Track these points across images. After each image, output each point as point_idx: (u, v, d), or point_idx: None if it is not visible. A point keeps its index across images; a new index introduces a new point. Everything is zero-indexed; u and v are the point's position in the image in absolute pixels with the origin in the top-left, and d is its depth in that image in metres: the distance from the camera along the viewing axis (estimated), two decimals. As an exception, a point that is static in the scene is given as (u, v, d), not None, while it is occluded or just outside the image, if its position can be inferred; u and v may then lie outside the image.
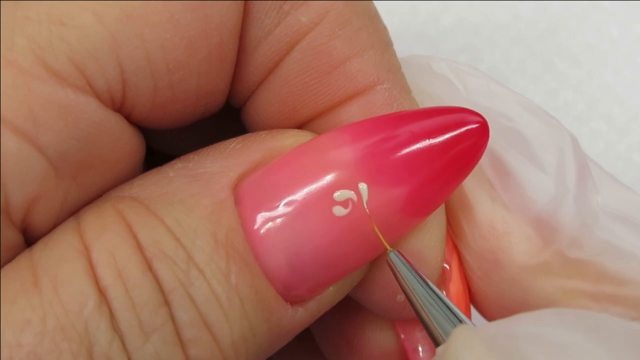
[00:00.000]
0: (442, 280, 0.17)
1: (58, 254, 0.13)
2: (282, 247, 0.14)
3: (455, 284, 0.17)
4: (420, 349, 0.18)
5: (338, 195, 0.14)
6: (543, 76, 0.30)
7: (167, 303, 0.13)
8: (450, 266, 0.17)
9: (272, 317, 0.15)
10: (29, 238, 0.14)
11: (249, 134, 0.16)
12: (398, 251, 0.15)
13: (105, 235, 0.14)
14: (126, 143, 0.15)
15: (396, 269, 0.15)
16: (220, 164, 0.15)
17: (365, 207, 0.15)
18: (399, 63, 0.17)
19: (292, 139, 0.16)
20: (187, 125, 0.17)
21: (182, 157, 0.16)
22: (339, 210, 0.14)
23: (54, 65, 0.14)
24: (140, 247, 0.13)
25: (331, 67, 0.16)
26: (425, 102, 0.18)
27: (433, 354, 0.17)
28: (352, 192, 0.14)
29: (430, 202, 0.15)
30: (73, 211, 0.15)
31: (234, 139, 0.16)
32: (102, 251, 0.13)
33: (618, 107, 0.30)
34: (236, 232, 0.14)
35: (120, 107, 0.15)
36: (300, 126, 0.17)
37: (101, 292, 0.13)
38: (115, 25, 0.14)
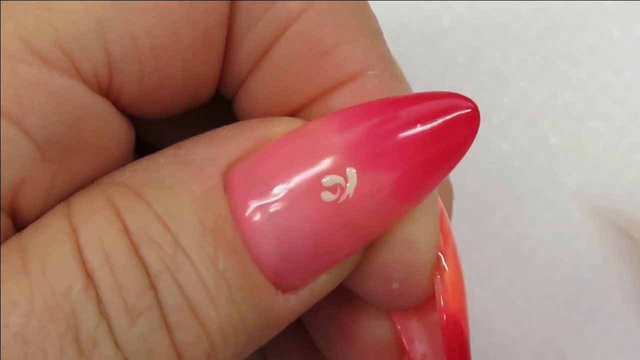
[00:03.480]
0: (437, 269, 0.17)
1: (47, 237, 0.14)
2: (272, 234, 0.14)
3: (450, 274, 0.17)
4: (417, 340, 0.18)
5: (326, 180, 0.14)
6: (543, 76, 0.30)
7: (153, 287, 0.13)
8: (445, 255, 0.17)
9: (262, 303, 0.14)
10: (18, 223, 0.15)
11: (241, 122, 0.16)
12: None
13: (93, 219, 0.14)
14: (114, 129, 0.15)
15: None
16: (210, 151, 0.15)
17: (353, 191, 0.14)
18: (389, 50, 0.17)
19: (282, 125, 0.16)
20: (180, 118, 0.17)
21: (173, 144, 0.16)
22: (327, 196, 0.14)
23: (41, 49, 0.14)
24: (127, 232, 0.14)
25: (321, 53, 0.16)
26: None
27: (431, 345, 0.17)
28: (341, 177, 0.14)
29: (421, 187, 0.15)
30: (61, 196, 0.15)
31: (225, 126, 0.16)
32: (89, 235, 0.13)
33: (618, 107, 0.30)
34: (225, 218, 0.14)
35: (107, 92, 0.15)
36: (292, 114, 0.17)
37: (88, 275, 0.13)
38: (102, 11, 0.14)
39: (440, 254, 0.17)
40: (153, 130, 0.19)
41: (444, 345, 0.16)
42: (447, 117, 0.15)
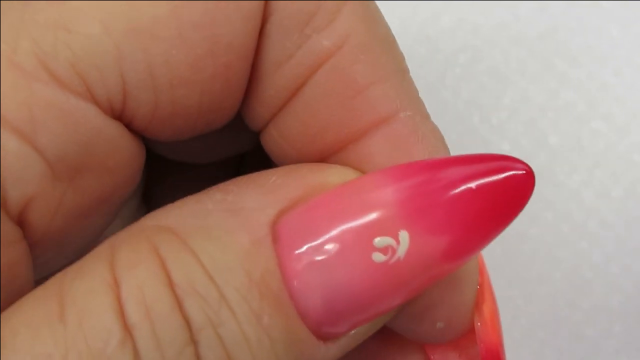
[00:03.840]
0: (476, 302, 0.17)
1: (87, 286, 0.13)
2: (318, 288, 0.14)
3: (488, 306, 0.17)
4: None
5: (378, 241, 0.14)
6: (543, 76, 0.30)
7: (193, 342, 0.13)
8: (481, 287, 0.17)
9: (304, 356, 0.14)
10: (27, 235, 0.14)
11: (290, 167, 0.16)
12: None
13: (137, 270, 0.13)
14: (125, 150, 0.15)
15: None
16: (260, 200, 0.15)
17: (405, 254, 0.14)
18: (416, 89, 0.17)
19: (335, 176, 0.15)
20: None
21: (220, 186, 0.15)
22: (378, 257, 0.14)
23: (56, 71, 0.14)
24: (171, 284, 0.13)
25: (355, 92, 0.15)
26: None
27: None
28: (393, 239, 0.14)
29: (471, 249, 0.15)
30: (69, 212, 0.15)
31: (274, 171, 0.15)
32: (132, 287, 0.13)
33: (618, 107, 0.30)
34: (272, 272, 0.14)
35: (120, 116, 0.15)
36: (323, 153, 0.16)
37: (127, 329, 0.13)
38: (121, 37, 0.14)
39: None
40: (164, 144, 0.19)
41: None
42: (501, 179, 0.15)
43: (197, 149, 0.17)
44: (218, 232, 0.14)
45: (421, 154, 0.16)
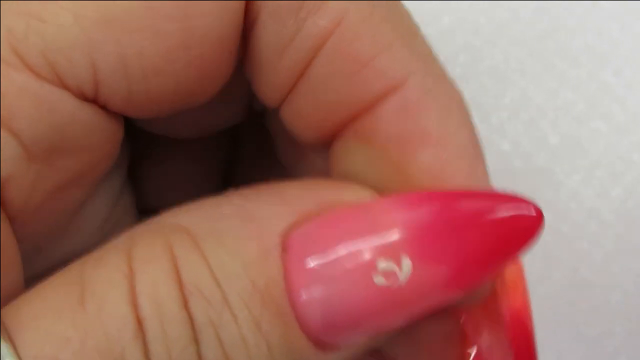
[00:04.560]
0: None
1: (106, 276, 0.14)
2: (320, 302, 0.14)
3: (510, 271, 0.17)
4: (482, 332, 0.18)
5: (381, 265, 0.14)
6: (543, 76, 0.30)
7: (196, 341, 0.14)
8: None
9: None
10: (6, 211, 0.15)
11: (310, 180, 0.16)
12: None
13: (151, 266, 0.14)
14: (101, 129, 0.16)
15: None
16: (275, 209, 0.15)
17: (406, 280, 0.15)
18: (430, 48, 0.16)
19: (351, 194, 0.16)
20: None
21: (240, 192, 0.16)
22: (379, 280, 0.14)
23: (28, 58, 0.14)
24: (181, 283, 0.14)
25: (360, 66, 0.15)
26: None
27: (496, 338, 0.17)
28: (395, 265, 0.14)
29: (474, 282, 0.15)
30: (46, 189, 0.15)
31: (293, 183, 0.16)
32: (146, 282, 0.14)
33: (618, 107, 0.30)
34: (276, 282, 0.14)
35: (94, 100, 0.15)
36: (339, 127, 0.16)
37: (139, 322, 0.13)
38: (93, 28, 0.14)
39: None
40: (154, 121, 0.19)
41: (511, 339, 0.16)
42: (510, 219, 0.15)
43: (182, 124, 0.18)
44: (230, 238, 0.14)
45: (429, 118, 0.16)
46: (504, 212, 0.15)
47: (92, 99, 0.15)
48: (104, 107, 0.15)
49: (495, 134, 0.29)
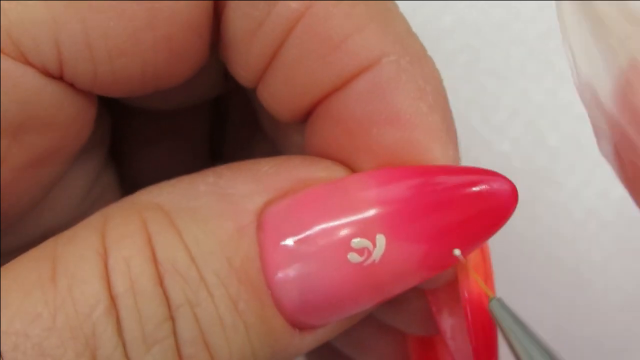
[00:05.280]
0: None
1: (79, 252, 0.14)
2: (295, 282, 0.14)
3: (473, 256, 0.17)
4: (446, 312, 0.17)
5: (355, 242, 0.14)
6: (543, 76, 0.30)
7: (172, 318, 0.14)
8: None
9: (278, 344, 0.15)
10: None
11: (282, 157, 0.16)
12: (500, 299, 0.15)
13: (124, 242, 0.14)
14: (70, 106, 0.16)
15: (499, 318, 0.15)
16: (250, 187, 0.15)
17: (380, 257, 0.15)
18: (409, 29, 0.16)
19: (324, 172, 0.16)
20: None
21: (215, 169, 0.16)
22: (353, 257, 0.14)
23: None
24: (155, 260, 0.14)
25: (332, 47, 0.15)
26: None
27: (460, 319, 0.17)
28: (369, 241, 0.14)
29: (447, 259, 0.15)
30: (16, 165, 0.15)
31: (267, 160, 0.16)
32: (118, 258, 0.14)
33: (618, 107, 0.30)
34: (252, 260, 0.14)
35: (60, 78, 0.15)
36: (312, 107, 0.16)
37: (112, 299, 0.13)
38: (59, 8, 0.14)
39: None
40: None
41: (467, 321, 0.16)
42: (485, 194, 0.15)
43: (159, 96, 0.18)
44: (205, 215, 0.14)
45: (400, 98, 0.15)
46: (480, 186, 0.15)
47: (59, 77, 0.15)
48: (71, 85, 0.15)
49: (495, 134, 0.29)
